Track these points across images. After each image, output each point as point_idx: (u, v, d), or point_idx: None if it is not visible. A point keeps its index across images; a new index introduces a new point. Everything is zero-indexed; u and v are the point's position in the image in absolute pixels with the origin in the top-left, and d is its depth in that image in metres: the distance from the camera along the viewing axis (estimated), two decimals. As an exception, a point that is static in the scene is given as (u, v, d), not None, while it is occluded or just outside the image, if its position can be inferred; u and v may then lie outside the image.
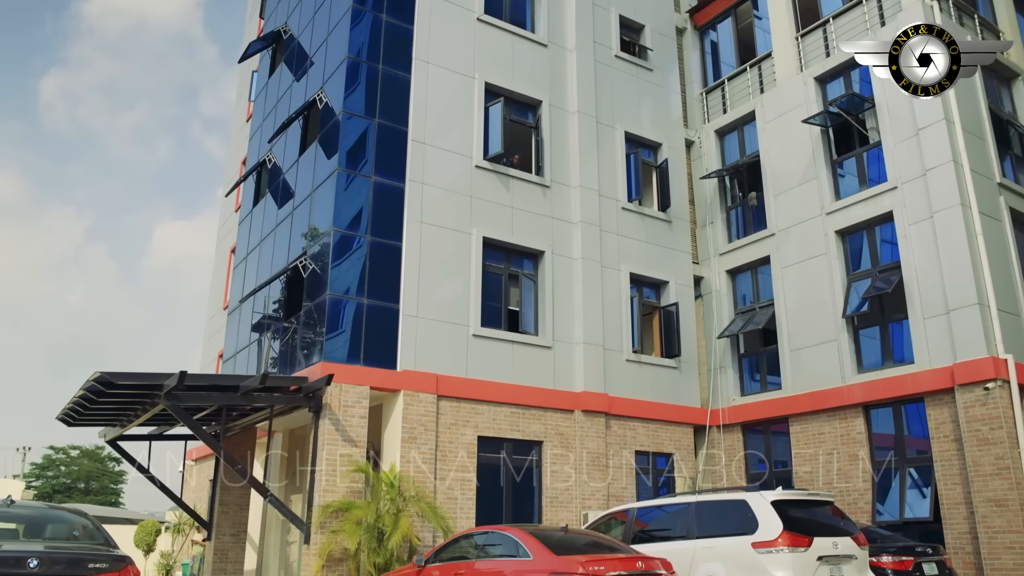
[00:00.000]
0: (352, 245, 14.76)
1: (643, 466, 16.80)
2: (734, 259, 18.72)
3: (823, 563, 9.75)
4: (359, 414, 13.59)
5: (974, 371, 13.59)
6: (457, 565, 9.86)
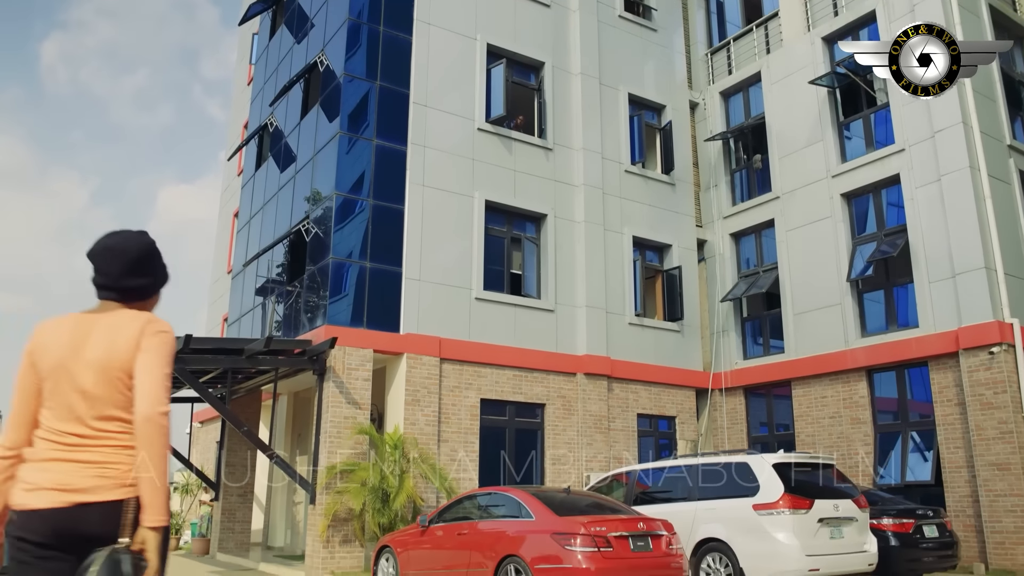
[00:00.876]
0: (354, 209, 14.71)
1: (645, 429, 16.90)
2: (738, 222, 18.62)
3: (824, 525, 9.83)
4: (363, 377, 13.65)
5: (979, 335, 13.57)
6: (460, 525, 9.97)
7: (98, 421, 2.46)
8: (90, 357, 2.47)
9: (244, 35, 26.94)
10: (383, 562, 11.06)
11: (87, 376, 2.46)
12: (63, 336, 2.53)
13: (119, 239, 2.72)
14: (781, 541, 9.55)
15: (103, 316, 2.58)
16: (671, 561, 8.93)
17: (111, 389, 2.46)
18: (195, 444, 22.66)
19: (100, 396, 2.46)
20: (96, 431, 2.46)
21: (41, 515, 2.36)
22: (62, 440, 2.45)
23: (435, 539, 10.19)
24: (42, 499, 2.37)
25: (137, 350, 2.49)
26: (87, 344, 2.50)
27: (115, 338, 2.50)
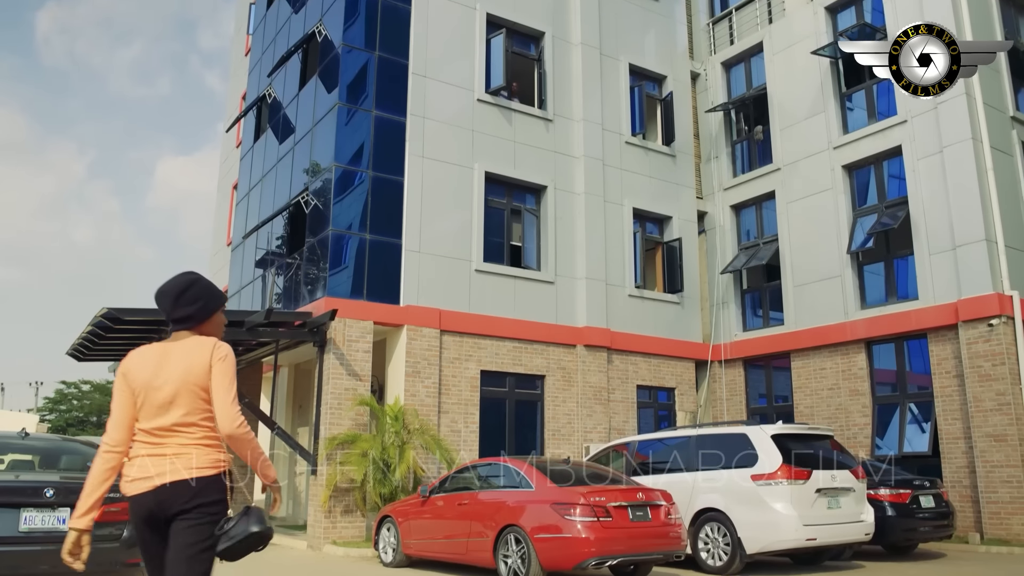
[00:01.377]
0: (354, 180, 14.65)
1: (644, 400, 16.98)
2: (739, 194, 18.57)
3: (821, 495, 9.91)
4: (363, 349, 13.69)
5: (979, 307, 13.58)
6: (461, 495, 10.04)
7: (177, 424, 3.19)
8: (170, 376, 3.18)
9: (241, 5, 26.67)
10: (384, 532, 11.16)
11: (168, 390, 3.18)
12: (147, 361, 3.25)
13: (166, 284, 3.38)
14: (779, 511, 9.64)
15: (178, 344, 3.29)
16: (670, 531, 9.02)
17: (190, 399, 3.19)
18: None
19: (179, 405, 3.18)
20: (174, 431, 3.19)
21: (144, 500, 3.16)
22: (149, 440, 3.20)
23: (436, 509, 10.28)
24: (142, 487, 3.16)
25: (210, 372, 3.20)
26: (166, 366, 3.21)
27: (191, 361, 3.20)
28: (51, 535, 6.06)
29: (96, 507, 3.25)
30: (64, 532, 6.01)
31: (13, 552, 5.93)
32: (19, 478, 6.49)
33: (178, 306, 3.32)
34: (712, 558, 10.09)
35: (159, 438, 3.19)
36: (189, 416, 3.20)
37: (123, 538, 6.35)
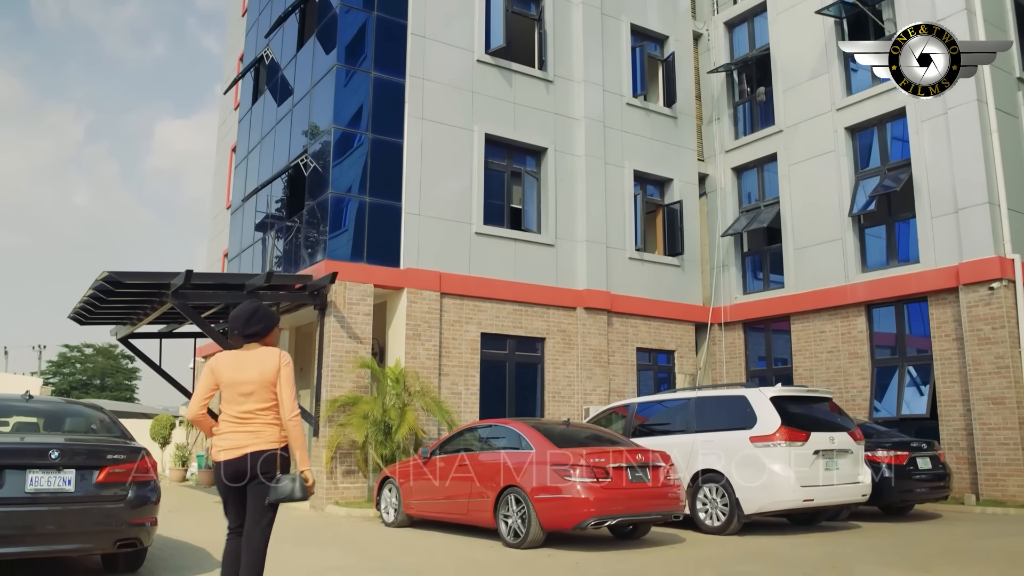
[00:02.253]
0: (353, 143, 14.56)
1: (644, 362, 17.05)
2: (740, 156, 18.45)
3: (819, 457, 9.99)
4: (363, 311, 13.71)
5: (980, 271, 13.58)
6: (461, 457, 10.13)
7: (255, 410, 4.38)
8: (249, 375, 4.40)
9: (238, -37, 26.24)
10: (386, 492, 11.28)
11: (247, 386, 4.40)
12: (230, 362, 4.47)
13: (238, 309, 4.61)
14: (777, 472, 9.72)
15: (251, 352, 4.51)
16: (668, 491, 9.11)
17: (264, 393, 4.40)
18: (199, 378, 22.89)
19: (256, 397, 4.38)
20: (252, 415, 4.39)
21: (229, 465, 4.34)
22: (233, 420, 4.40)
23: (436, 470, 10.37)
24: (228, 455, 4.36)
25: (278, 374, 4.41)
26: (245, 368, 4.42)
27: (265, 366, 4.42)
28: (57, 496, 6.13)
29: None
30: (69, 493, 6.12)
31: (20, 512, 6.00)
32: (24, 440, 6.55)
33: (248, 325, 4.53)
34: (710, 518, 10.21)
35: (243, 420, 4.40)
36: (262, 404, 4.41)
37: (128, 499, 6.43)
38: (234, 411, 4.39)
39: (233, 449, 4.32)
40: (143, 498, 6.53)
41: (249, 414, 4.40)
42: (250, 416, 4.39)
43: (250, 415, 4.39)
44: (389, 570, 7.33)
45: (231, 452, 4.32)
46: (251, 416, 4.39)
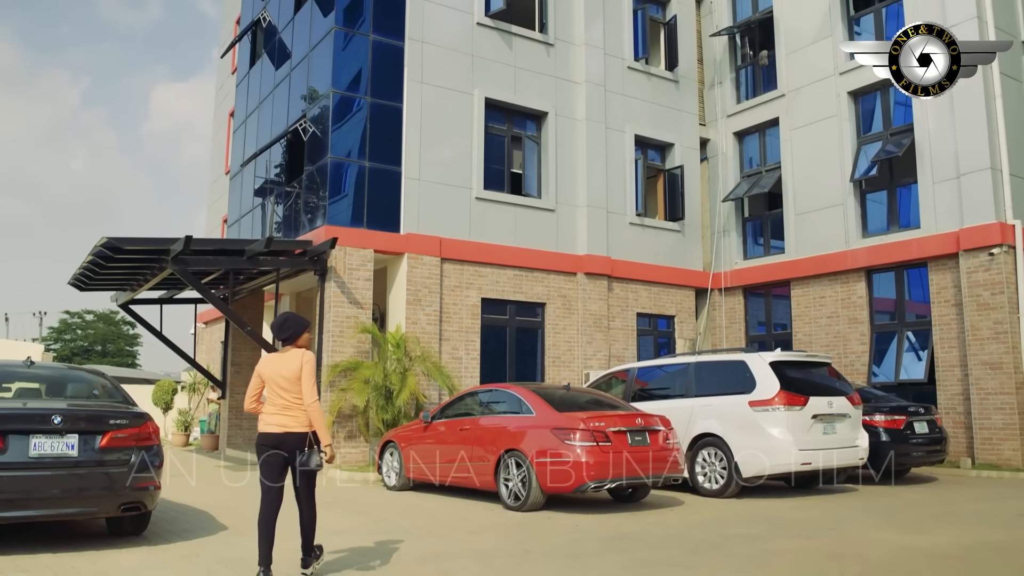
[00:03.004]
0: (352, 107, 14.44)
1: (644, 328, 17.09)
2: (742, 121, 18.31)
3: (817, 421, 10.07)
4: (364, 277, 13.72)
5: (980, 236, 13.55)
6: (462, 421, 10.20)
7: (291, 400, 5.42)
8: (283, 373, 5.45)
9: (233, -77, 25.81)
10: (387, 456, 11.37)
11: (283, 381, 5.44)
12: (271, 362, 5.54)
13: (275, 320, 5.79)
14: (775, 436, 9.81)
15: (286, 354, 5.57)
16: (668, 455, 9.19)
17: (296, 386, 5.44)
18: (200, 344, 22.96)
19: (289, 389, 5.43)
20: (289, 404, 5.43)
21: (267, 437, 5.41)
22: (276, 406, 5.44)
23: (438, 434, 10.46)
24: (271, 429, 5.42)
25: (302, 370, 5.45)
26: (281, 367, 5.47)
27: (294, 365, 5.46)
28: (60, 460, 6.18)
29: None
30: (72, 458, 6.17)
31: (24, 477, 6.05)
32: (27, 405, 6.59)
33: (281, 331, 5.64)
34: (709, 482, 10.31)
35: (283, 407, 5.44)
36: (296, 395, 5.45)
37: (131, 463, 6.48)
38: (276, 400, 5.46)
39: (276, 426, 5.41)
40: (146, 463, 6.59)
41: (287, 403, 5.44)
42: (288, 404, 5.44)
43: (288, 404, 5.44)
44: (392, 532, 7.43)
45: (273, 428, 5.42)
46: (289, 404, 5.44)
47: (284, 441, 5.36)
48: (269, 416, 5.45)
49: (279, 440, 5.36)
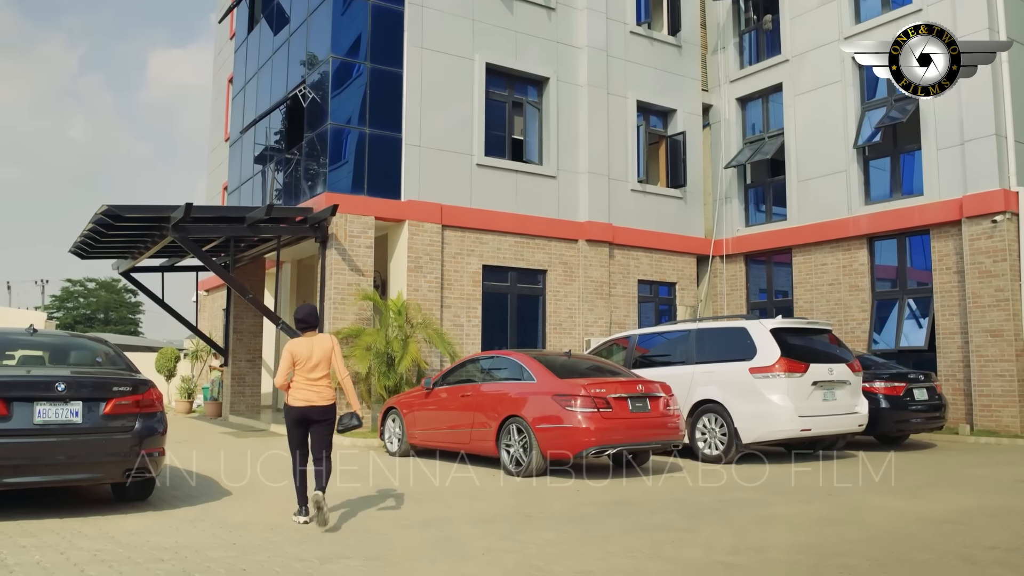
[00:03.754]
0: (352, 73, 14.32)
1: (645, 295, 17.11)
2: (745, 86, 18.15)
3: (817, 388, 10.11)
4: (365, 244, 13.70)
5: (984, 203, 13.49)
6: (464, 387, 10.25)
7: (319, 376, 6.30)
8: (315, 354, 6.28)
9: None
10: (389, 423, 11.45)
11: (315, 360, 6.27)
12: (302, 345, 6.31)
13: (300, 309, 6.53)
14: (775, 403, 9.86)
15: (313, 338, 6.40)
16: (668, 421, 9.24)
17: (324, 364, 6.31)
18: (202, 311, 23.00)
19: (320, 368, 6.29)
20: (316, 380, 6.28)
21: (295, 409, 6.24)
22: (305, 381, 6.26)
23: (439, 401, 10.51)
24: (297, 403, 6.24)
25: (333, 351, 6.38)
26: (312, 349, 6.30)
27: (323, 347, 6.34)
28: (65, 427, 6.22)
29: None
30: (77, 424, 6.21)
31: (30, 443, 6.10)
32: (30, 373, 6.62)
33: (308, 320, 6.47)
34: (709, 447, 10.39)
35: (311, 383, 6.31)
36: (323, 373, 6.36)
37: (135, 430, 6.52)
38: (304, 376, 6.31)
39: (301, 401, 6.29)
40: (150, 429, 6.64)
41: (312, 380, 6.31)
42: (313, 381, 6.31)
43: (313, 381, 6.31)
44: (394, 497, 7.50)
45: (299, 402, 6.29)
46: (316, 380, 6.32)
47: (307, 413, 6.28)
48: (297, 391, 6.30)
49: (303, 412, 6.28)
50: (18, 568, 4.71)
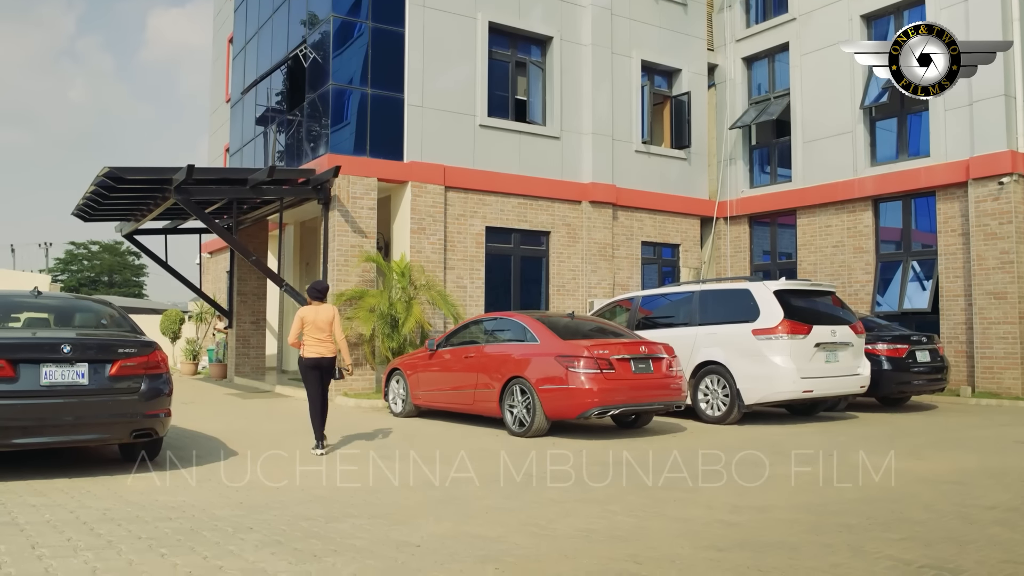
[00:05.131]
0: (353, 32, 14.15)
1: (649, 256, 17.08)
2: (751, 46, 17.92)
3: (820, 349, 10.14)
4: (368, 205, 13.66)
5: (991, 165, 13.38)
6: (467, 349, 10.29)
7: (324, 336, 8.11)
8: (321, 319, 8.09)
9: None
10: (393, 384, 11.51)
11: (322, 324, 8.09)
12: (311, 312, 8.10)
13: (313, 285, 8.33)
14: (778, 364, 9.89)
15: (321, 306, 8.17)
16: (671, 382, 9.28)
17: (328, 327, 8.12)
18: (206, 274, 23.03)
19: (323, 329, 8.09)
20: (322, 339, 8.11)
21: (310, 360, 8.13)
22: (315, 340, 8.09)
23: (443, 362, 10.56)
24: (312, 355, 8.13)
25: (334, 319, 8.15)
26: (319, 315, 8.10)
27: (328, 315, 8.13)
28: (71, 388, 6.26)
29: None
30: (83, 386, 6.25)
31: (37, 404, 6.15)
32: (36, 335, 6.65)
33: (320, 293, 8.24)
34: (711, 408, 10.45)
35: (319, 341, 8.06)
36: (327, 333, 8.08)
37: (141, 391, 6.57)
38: (314, 336, 8.12)
39: (314, 354, 8.12)
40: (156, 390, 6.68)
41: (320, 339, 8.13)
42: (321, 340, 8.14)
43: (321, 340, 8.14)
44: (398, 457, 7.57)
45: (312, 355, 8.13)
46: (322, 340, 8.14)
47: (320, 363, 8.16)
48: (310, 348, 8.13)
49: (317, 363, 8.16)
50: (29, 526, 4.78)
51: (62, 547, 4.31)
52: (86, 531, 4.68)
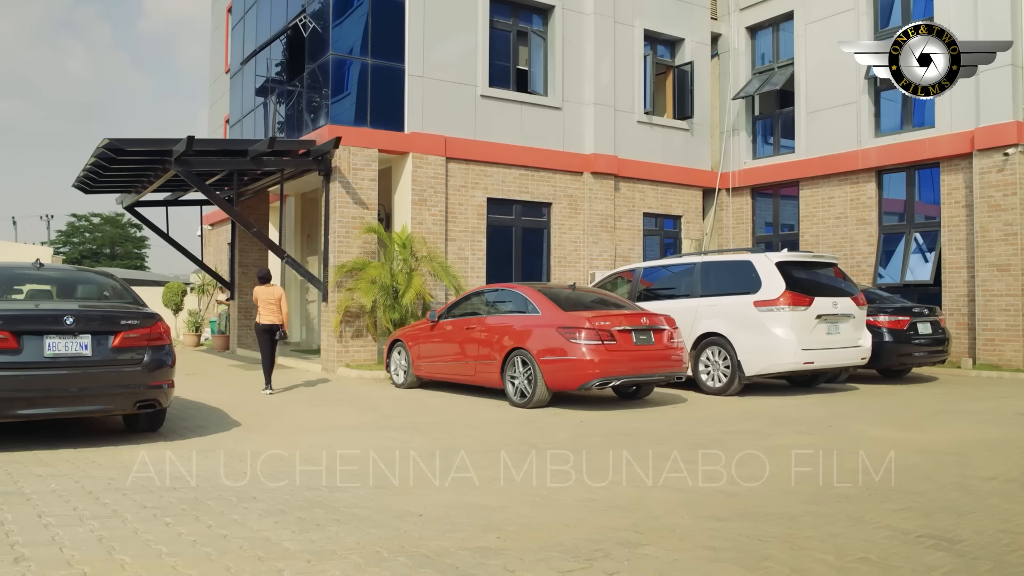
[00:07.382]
0: (353, 1, 14.00)
1: (651, 228, 17.04)
2: (755, 14, 17.73)
3: (821, 321, 10.15)
4: (369, 176, 13.61)
5: (996, 136, 13.29)
6: (469, 320, 10.31)
7: (272, 308, 10.92)
8: (269, 297, 10.93)
9: None
10: (395, 355, 11.55)
11: (270, 299, 10.93)
12: (263, 291, 10.98)
13: (260, 271, 11.30)
14: (779, 336, 9.90)
15: (269, 287, 11.04)
16: (672, 353, 9.31)
17: (276, 302, 10.94)
18: (207, 245, 23.02)
19: (272, 302, 10.92)
20: (274, 310, 10.93)
21: (263, 325, 10.98)
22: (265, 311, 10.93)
23: (444, 333, 10.59)
24: (264, 322, 10.96)
25: (281, 297, 11.01)
26: (268, 294, 10.93)
27: (276, 294, 10.98)
28: (75, 360, 6.29)
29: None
30: (86, 357, 6.28)
31: (41, 375, 6.18)
32: (39, 307, 6.66)
33: (264, 278, 11.04)
34: (712, 380, 10.48)
35: (269, 311, 10.87)
36: (275, 306, 10.89)
37: (144, 362, 6.59)
38: (264, 307, 10.72)
39: (267, 321, 10.79)
40: (159, 361, 6.71)
41: (271, 310, 10.77)
42: (271, 310, 10.77)
43: (271, 310, 10.77)
44: (400, 428, 7.62)
45: (266, 321, 10.81)
46: (272, 310, 10.77)
47: (270, 328, 10.87)
48: (263, 316, 10.86)
49: (268, 327, 10.87)
50: (35, 496, 4.82)
51: (68, 516, 4.35)
52: (91, 500, 4.72)
